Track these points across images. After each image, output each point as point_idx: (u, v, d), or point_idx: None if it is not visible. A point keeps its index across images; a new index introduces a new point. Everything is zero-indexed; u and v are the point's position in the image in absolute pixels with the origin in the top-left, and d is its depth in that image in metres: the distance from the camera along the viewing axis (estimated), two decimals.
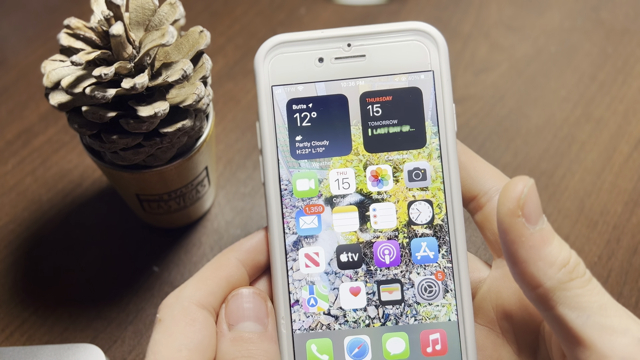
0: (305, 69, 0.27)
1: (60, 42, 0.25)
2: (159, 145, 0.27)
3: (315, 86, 0.27)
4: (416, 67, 0.27)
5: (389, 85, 0.26)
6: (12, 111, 0.42)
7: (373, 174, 0.26)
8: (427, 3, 0.49)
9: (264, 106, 0.26)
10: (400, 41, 0.27)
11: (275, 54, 0.27)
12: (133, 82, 0.24)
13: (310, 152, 0.26)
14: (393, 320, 0.25)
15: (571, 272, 0.20)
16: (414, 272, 0.26)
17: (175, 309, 0.23)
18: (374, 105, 0.27)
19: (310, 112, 0.27)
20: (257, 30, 0.47)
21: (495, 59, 0.45)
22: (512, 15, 0.48)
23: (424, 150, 0.26)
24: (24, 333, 0.32)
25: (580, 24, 0.47)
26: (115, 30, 0.24)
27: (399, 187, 0.26)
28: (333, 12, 0.48)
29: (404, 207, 0.26)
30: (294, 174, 0.26)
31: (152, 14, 0.27)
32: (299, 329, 0.25)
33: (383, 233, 0.26)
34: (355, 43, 0.27)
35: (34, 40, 0.46)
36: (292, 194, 0.26)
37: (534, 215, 0.20)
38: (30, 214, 0.37)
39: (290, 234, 0.26)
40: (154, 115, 0.25)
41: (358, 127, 0.26)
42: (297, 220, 0.26)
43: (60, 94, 0.26)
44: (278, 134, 0.26)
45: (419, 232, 0.26)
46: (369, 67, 0.27)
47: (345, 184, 0.26)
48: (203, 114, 0.29)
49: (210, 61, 0.28)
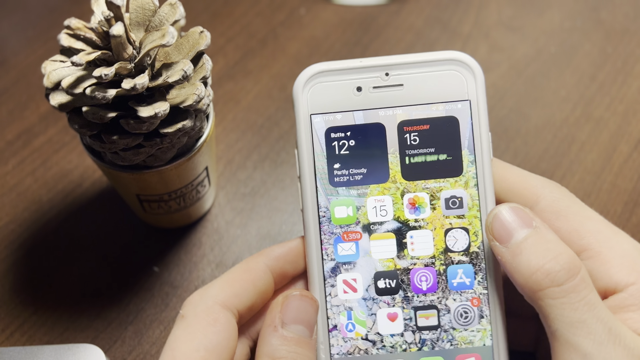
0: (344, 97, 0.27)
1: (60, 42, 0.25)
2: (159, 146, 0.27)
3: (353, 115, 0.27)
4: (453, 96, 0.27)
5: (426, 114, 0.27)
6: (13, 111, 0.42)
7: (410, 201, 0.27)
8: (427, 3, 0.49)
9: (303, 134, 0.26)
10: (437, 71, 0.27)
11: (314, 83, 0.27)
12: (133, 82, 0.24)
13: (348, 179, 0.27)
14: (429, 345, 0.26)
15: (540, 282, 0.22)
16: (450, 299, 0.26)
17: (198, 307, 0.23)
18: (412, 134, 0.27)
19: (349, 141, 0.27)
20: (257, 30, 0.47)
21: (495, 59, 0.45)
22: (512, 15, 0.48)
23: (460, 179, 0.26)
24: (24, 333, 0.32)
25: (580, 24, 0.47)
26: (115, 31, 0.24)
27: (435, 215, 0.26)
28: (333, 13, 0.48)
29: (441, 235, 0.26)
30: (332, 201, 0.26)
31: (153, 15, 0.27)
32: (337, 353, 0.25)
33: (420, 260, 0.26)
34: (393, 72, 0.27)
35: (34, 41, 0.46)
36: (330, 221, 0.26)
37: (504, 236, 0.23)
38: (30, 214, 0.37)
39: (328, 260, 0.26)
40: (155, 115, 0.25)
41: (395, 155, 0.27)
42: (335, 247, 0.26)
43: (61, 95, 0.26)
44: (316, 161, 0.27)
45: (455, 259, 0.26)
46: (407, 96, 0.27)
47: (383, 212, 0.27)
48: (203, 115, 0.29)
49: (211, 61, 0.28)
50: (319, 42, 0.46)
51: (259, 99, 0.43)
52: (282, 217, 0.36)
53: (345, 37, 0.47)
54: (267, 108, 0.42)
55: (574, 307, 0.21)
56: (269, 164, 0.39)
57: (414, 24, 0.48)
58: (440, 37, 0.47)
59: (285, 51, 0.46)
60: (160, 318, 0.33)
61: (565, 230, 0.24)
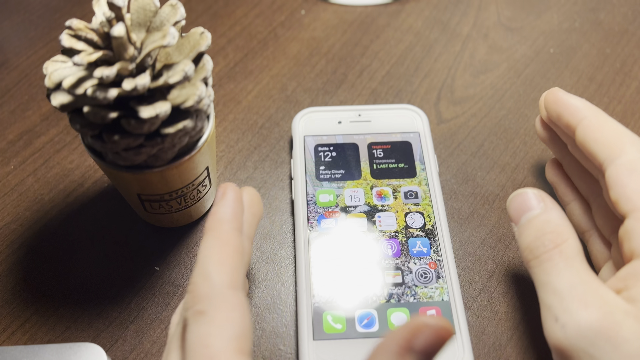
0: (328, 126, 0.38)
1: (62, 43, 0.25)
2: (160, 146, 0.27)
3: (335, 137, 0.38)
4: (407, 129, 0.38)
5: (388, 138, 0.38)
6: (14, 112, 0.42)
7: (377, 192, 0.35)
8: (426, 4, 0.49)
9: (298, 147, 0.37)
10: (396, 109, 0.39)
11: (307, 115, 0.39)
12: (135, 82, 0.24)
13: (330, 177, 0.36)
14: (396, 299, 0.31)
15: (529, 253, 0.27)
16: (412, 262, 0.32)
17: (215, 298, 0.22)
18: (378, 150, 0.37)
19: (331, 152, 0.37)
20: (257, 31, 0.47)
21: (494, 59, 0.45)
22: (511, 16, 0.49)
23: (415, 179, 0.36)
24: (25, 332, 0.32)
25: (579, 25, 0.48)
26: (116, 32, 0.24)
27: (397, 202, 0.35)
28: (333, 13, 0.49)
29: (402, 216, 0.34)
30: (318, 190, 0.35)
31: (153, 16, 0.27)
32: (317, 302, 0.31)
33: (386, 233, 0.34)
34: (364, 114, 0.39)
35: (35, 41, 0.46)
36: (315, 204, 0.35)
37: (515, 218, 0.28)
38: (32, 214, 0.37)
39: (313, 230, 0.33)
40: (156, 116, 0.25)
41: (366, 163, 0.36)
42: (319, 221, 0.34)
43: (62, 95, 0.26)
44: (307, 165, 0.36)
45: (414, 233, 0.34)
46: (374, 127, 0.38)
47: (357, 198, 0.35)
48: (204, 115, 0.29)
49: (211, 62, 0.28)
50: (319, 43, 0.46)
51: (260, 99, 0.43)
52: (282, 217, 0.37)
53: (345, 38, 0.47)
54: (268, 108, 0.42)
55: (551, 271, 0.25)
56: (269, 164, 0.39)
57: (413, 25, 0.48)
58: (439, 38, 0.47)
59: (285, 52, 0.46)
60: (161, 317, 0.33)
61: (630, 188, 0.26)
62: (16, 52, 0.46)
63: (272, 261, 0.35)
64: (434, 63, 0.45)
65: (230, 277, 0.23)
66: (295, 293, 0.33)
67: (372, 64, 0.45)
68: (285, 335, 0.32)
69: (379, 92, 0.43)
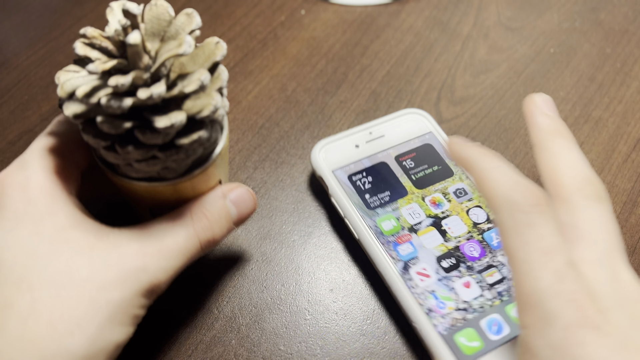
0: (348, 153, 0.37)
1: (75, 50, 0.25)
2: (174, 157, 0.26)
3: (361, 162, 0.36)
4: (420, 132, 0.38)
5: (409, 147, 0.37)
6: (14, 112, 0.42)
7: (431, 201, 0.35)
8: (426, 4, 0.49)
9: (334, 185, 0.35)
10: (400, 117, 0.38)
11: (324, 148, 0.37)
12: (150, 91, 0.24)
13: (380, 202, 0.34)
14: (506, 295, 0.31)
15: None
16: (499, 255, 0.32)
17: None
18: (407, 161, 0.36)
19: (366, 178, 0.35)
20: (257, 31, 0.47)
21: (494, 59, 0.45)
22: (511, 16, 0.49)
23: (454, 177, 0.36)
24: None
25: (579, 24, 0.48)
26: (132, 39, 0.23)
27: (453, 204, 0.34)
28: (333, 13, 0.49)
29: (465, 215, 0.34)
30: (377, 220, 0.34)
31: (168, 25, 0.26)
32: (442, 330, 0.29)
33: (461, 237, 0.33)
34: (374, 130, 0.38)
35: (35, 41, 0.46)
36: (382, 234, 0.33)
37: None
38: None
39: (396, 261, 0.32)
40: (171, 126, 0.24)
41: (404, 176, 0.36)
42: (397, 250, 0.32)
43: (75, 104, 0.25)
44: (352, 199, 0.34)
45: (485, 227, 0.33)
46: (390, 140, 0.37)
47: (417, 214, 0.34)
48: (218, 126, 0.29)
49: (227, 72, 0.27)
50: (319, 43, 0.46)
51: (260, 99, 0.43)
52: (282, 217, 0.36)
53: (345, 38, 0.47)
54: (268, 109, 0.42)
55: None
56: (269, 164, 0.39)
57: (413, 25, 0.48)
58: (440, 38, 0.47)
59: (285, 52, 0.46)
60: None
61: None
62: (16, 52, 0.46)
63: (272, 261, 0.35)
64: (434, 63, 0.45)
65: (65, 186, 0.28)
66: (409, 331, 0.32)
67: (372, 64, 0.45)
68: (285, 335, 0.32)
69: (379, 92, 0.43)
